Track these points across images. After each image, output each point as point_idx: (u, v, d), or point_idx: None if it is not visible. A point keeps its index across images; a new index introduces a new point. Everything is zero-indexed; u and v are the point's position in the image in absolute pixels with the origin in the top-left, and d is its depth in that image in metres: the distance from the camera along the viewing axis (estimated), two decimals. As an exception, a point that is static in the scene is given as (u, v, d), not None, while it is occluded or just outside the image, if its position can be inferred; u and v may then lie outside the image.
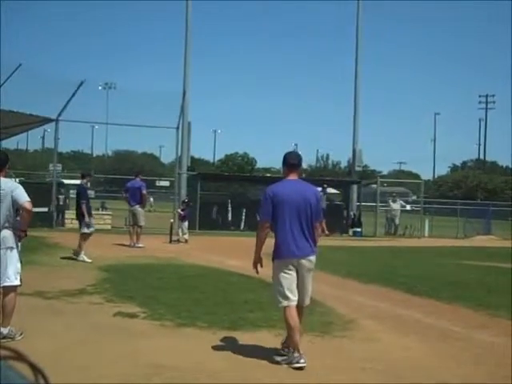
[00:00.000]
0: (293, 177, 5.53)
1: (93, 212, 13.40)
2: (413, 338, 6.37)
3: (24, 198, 5.62)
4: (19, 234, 5.78)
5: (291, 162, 5.57)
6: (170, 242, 16.45)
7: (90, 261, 11.47)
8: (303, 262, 5.33)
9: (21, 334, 5.61)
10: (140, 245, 14.83)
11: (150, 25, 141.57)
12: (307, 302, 5.51)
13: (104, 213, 21.16)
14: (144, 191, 15.56)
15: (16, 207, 5.66)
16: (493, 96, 78.61)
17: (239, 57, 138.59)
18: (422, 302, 8.61)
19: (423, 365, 5.37)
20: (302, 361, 5.12)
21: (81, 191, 12.56)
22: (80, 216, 12.25)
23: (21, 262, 5.85)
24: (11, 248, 5.67)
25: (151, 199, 19.84)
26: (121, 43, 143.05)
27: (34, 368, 1.09)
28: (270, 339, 5.61)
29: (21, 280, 5.86)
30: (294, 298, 5.30)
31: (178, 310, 7.14)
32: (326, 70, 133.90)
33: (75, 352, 5.30)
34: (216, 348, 5.61)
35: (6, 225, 5.62)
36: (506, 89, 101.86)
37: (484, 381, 4.98)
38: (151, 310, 7.10)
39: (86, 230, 12.05)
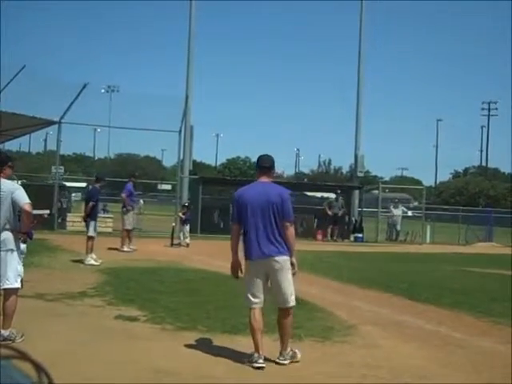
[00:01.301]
0: (264, 179, 5.59)
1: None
2: (413, 344, 6.35)
3: (24, 199, 5.60)
4: (20, 237, 5.77)
5: (263, 164, 5.65)
6: (172, 245, 16.43)
7: (97, 263, 11.54)
8: (270, 262, 5.37)
9: (21, 337, 5.60)
10: (124, 249, 14.48)
11: (154, 28, 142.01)
12: (287, 303, 5.40)
13: (105, 216, 21.13)
14: (122, 194, 15.15)
15: (17, 209, 5.65)
16: (495, 103, 78.89)
17: (242, 61, 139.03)
18: (423, 308, 8.59)
19: (424, 371, 5.35)
20: (260, 361, 5.18)
21: (93, 192, 12.67)
22: (87, 217, 12.21)
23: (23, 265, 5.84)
24: (11, 250, 5.66)
25: (141, 201, 19.61)
26: (124, 46, 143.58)
27: (38, 367, 1.09)
28: (269, 344, 5.60)
29: (22, 283, 5.85)
30: (257, 300, 5.39)
31: (179, 314, 7.13)
32: (328, 75, 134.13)
33: (75, 354, 5.29)
34: (216, 352, 5.60)
35: (7, 226, 5.61)
36: (509, 96, 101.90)
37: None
38: (152, 314, 7.10)
39: (93, 233, 12.07)
